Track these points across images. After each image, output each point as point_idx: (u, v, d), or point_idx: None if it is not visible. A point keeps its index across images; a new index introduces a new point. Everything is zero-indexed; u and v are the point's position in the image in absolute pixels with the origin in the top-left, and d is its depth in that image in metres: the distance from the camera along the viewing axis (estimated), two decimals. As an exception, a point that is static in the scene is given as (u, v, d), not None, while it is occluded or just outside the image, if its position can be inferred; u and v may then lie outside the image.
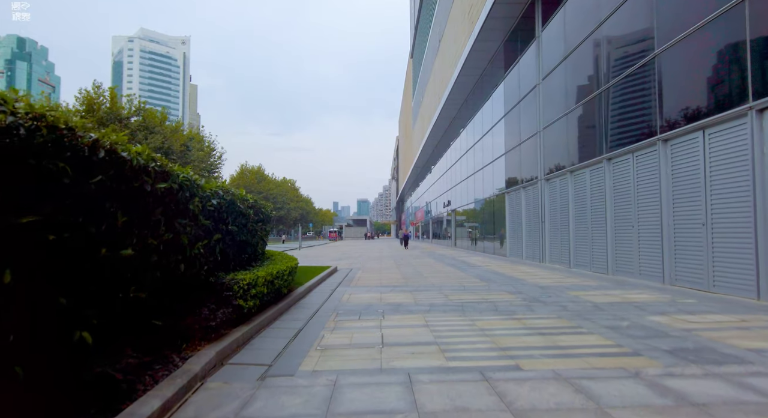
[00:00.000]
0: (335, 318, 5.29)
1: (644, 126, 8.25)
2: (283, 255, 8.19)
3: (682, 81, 7.34)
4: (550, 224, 12.81)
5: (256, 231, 6.03)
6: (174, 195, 3.29)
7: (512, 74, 16.02)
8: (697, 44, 6.97)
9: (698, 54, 6.96)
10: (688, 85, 7.20)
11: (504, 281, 8.87)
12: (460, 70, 20.72)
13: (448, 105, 26.27)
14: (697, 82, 7.02)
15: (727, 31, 6.36)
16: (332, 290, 8.10)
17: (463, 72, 20.69)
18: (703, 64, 6.86)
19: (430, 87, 35.39)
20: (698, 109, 6.91)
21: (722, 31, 6.45)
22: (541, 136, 13.30)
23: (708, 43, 6.74)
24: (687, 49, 7.16)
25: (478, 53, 18.55)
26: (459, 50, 21.52)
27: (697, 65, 7.00)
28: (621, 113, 9.11)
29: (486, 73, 20.19)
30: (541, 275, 9.91)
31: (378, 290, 7.91)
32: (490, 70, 19.52)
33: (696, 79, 7.03)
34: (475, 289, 7.73)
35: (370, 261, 16.20)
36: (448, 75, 25.17)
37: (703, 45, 6.84)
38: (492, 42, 17.34)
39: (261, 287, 4.82)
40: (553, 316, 5.15)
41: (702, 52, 6.87)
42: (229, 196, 4.59)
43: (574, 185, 11.27)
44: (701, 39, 6.87)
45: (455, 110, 27.13)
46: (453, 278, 9.72)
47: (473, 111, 22.56)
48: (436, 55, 32.24)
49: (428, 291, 7.56)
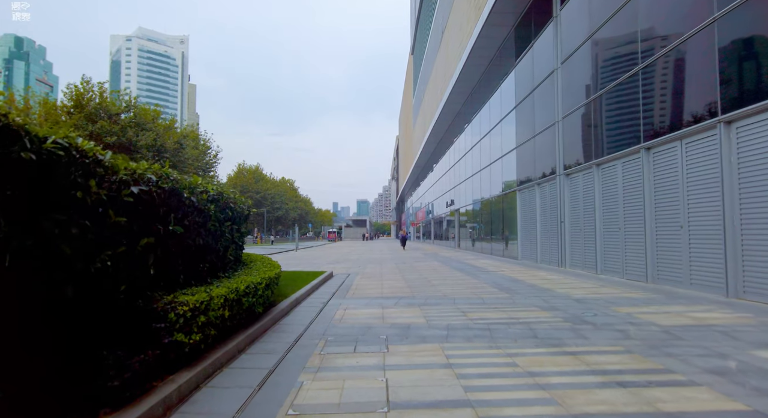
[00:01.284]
0: (322, 350, 3.94)
1: (700, 105, 6.90)
2: (264, 261, 6.84)
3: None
4: (570, 224, 11.46)
5: (223, 233, 4.67)
6: (29, 169, 1.95)
7: (525, 61, 14.67)
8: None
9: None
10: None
11: (527, 290, 7.52)
12: (465, 60, 19.37)
13: (451, 100, 24.93)
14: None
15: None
16: (324, 302, 6.75)
17: (469, 62, 19.34)
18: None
19: (432, 83, 34.05)
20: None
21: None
22: (559, 126, 11.95)
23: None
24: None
25: (485, 40, 17.20)
26: (464, 40, 20.19)
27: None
28: (668, 92, 7.77)
29: (494, 63, 18.85)
30: (567, 283, 8.55)
31: (379, 303, 6.56)
32: (498, 59, 18.17)
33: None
34: (496, 302, 6.38)
35: (369, 265, 14.84)
36: (451, 68, 23.84)
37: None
38: (502, 27, 16.00)
39: (217, 310, 3.47)
40: (619, 348, 3.80)
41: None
42: (168, 183, 3.24)
43: (601, 180, 9.91)
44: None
45: (459, 105, 25.78)
46: (465, 286, 8.37)
47: (479, 105, 21.21)
48: (438, 49, 30.91)
49: (440, 305, 6.21)
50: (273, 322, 5.06)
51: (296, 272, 10.93)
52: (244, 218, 5.71)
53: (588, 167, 10.44)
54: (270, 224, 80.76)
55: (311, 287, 8.10)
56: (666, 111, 7.76)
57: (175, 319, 2.89)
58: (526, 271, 11.21)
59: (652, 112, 8.06)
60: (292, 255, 23.63)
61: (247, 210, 5.84)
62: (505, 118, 16.92)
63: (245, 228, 6.06)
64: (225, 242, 4.88)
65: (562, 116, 11.77)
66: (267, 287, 5.01)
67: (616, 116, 9.34)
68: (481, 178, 20.86)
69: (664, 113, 7.77)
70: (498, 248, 18.26)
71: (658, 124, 7.86)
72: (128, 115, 33.93)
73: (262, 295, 4.73)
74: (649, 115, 8.14)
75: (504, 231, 17.43)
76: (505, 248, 17.27)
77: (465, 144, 24.60)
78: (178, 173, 3.51)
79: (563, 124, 11.78)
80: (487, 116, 19.78)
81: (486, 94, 19.96)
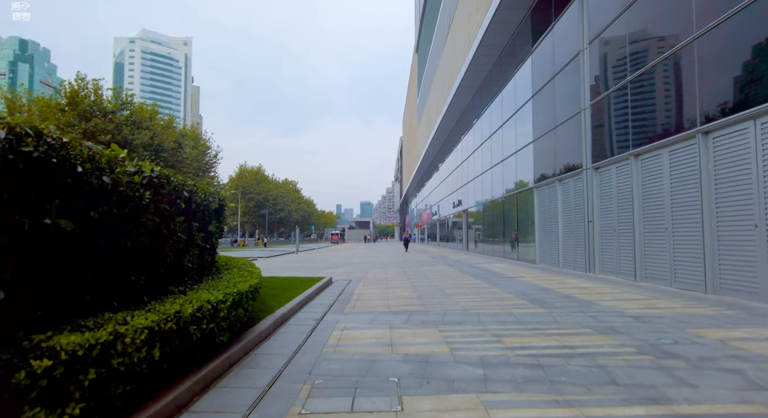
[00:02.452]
0: (304, 406, 2.64)
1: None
2: (243, 269, 5.56)
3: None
4: (601, 224, 10.12)
5: (172, 232, 3.40)
6: None
7: (544, 45, 13.37)
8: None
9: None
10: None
11: (565, 303, 6.19)
12: (475, 50, 18.07)
13: (459, 94, 23.62)
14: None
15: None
16: (318, 318, 5.46)
17: (480, 52, 18.04)
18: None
19: (438, 78, 32.77)
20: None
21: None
22: (586, 115, 10.63)
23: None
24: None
25: (498, 26, 15.91)
26: (473, 30, 18.92)
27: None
28: (737, 62, 6.44)
29: (506, 52, 17.55)
30: (607, 293, 7.22)
31: (386, 320, 5.26)
32: (511, 47, 16.88)
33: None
34: (533, 321, 5.07)
35: (373, 269, 13.54)
36: (459, 61, 22.55)
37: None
38: (516, 10, 14.71)
39: (135, 352, 2.19)
40: (753, 406, 2.48)
41: None
42: (43, 146, 1.96)
43: (640, 172, 8.58)
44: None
45: (467, 100, 24.47)
46: (487, 296, 7.06)
47: (490, 98, 19.89)
48: (444, 43, 29.65)
49: (464, 325, 4.90)
50: (244, 352, 3.77)
51: (290, 279, 9.66)
52: (212, 214, 4.43)
53: (623, 159, 9.10)
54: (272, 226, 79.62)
55: (305, 298, 6.82)
56: (728, 87, 6.42)
57: (27, 382, 1.61)
58: (551, 277, 9.88)
59: (718, 88, 6.71)
60: (291, 258, 22.36)
61: (218, 203, 4.57)
62: (520, 110, 15.59)
63: (215, 226, 4.77)
64: (180, 244, 3.60)
65: (590, 103, 10.44)
66: (236, 305, 3.72)
67: (665, 96, 8.00)
68: (492, 176, 19.53)
69: (726, 90, 6.43)
70: (511, 250, 16.90)
71: (723, 102, 6.51)
72: (124, 113, 32.82)
73: (226, 317, 3.44)
74: (720, 87, 6.80)
75: (518, 232, 16.08)
76: (519, 250, 15.92)
77: (474, 141, 23.27)
78: (70, 137, 2.23)
79: (591, 112, 10.46)
80: (498, 109, 18.46)
81: (498, 85, 18.65)
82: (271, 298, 6.56)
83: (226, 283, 4.04)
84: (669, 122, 7.74)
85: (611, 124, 9.66)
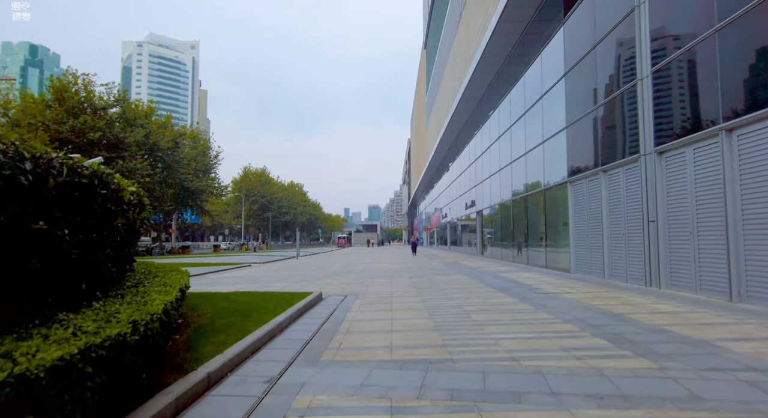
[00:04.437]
0: None
1: None
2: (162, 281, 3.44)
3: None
4: (669, 224, 7.83)
5: None
6: None
7: (581, 11, 11.14)
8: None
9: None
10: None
11: (663, 344, 3.93)
12: (494, 27, 15.88)
13: (473, 83, 21.41)
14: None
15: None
16: (271, 379, 3.29)
17: (499, 29, 15.82)
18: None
19: (449, 70, 30.61)
20: None
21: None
22: (646, 85, 8.37)
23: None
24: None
25: None
26: (490, 8, 16.75)
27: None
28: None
29: (530, 29, 15.35)
30: (718, 324, 4.93)
31: (385, 386, 3.07)
32: (536, 24, 14.67)
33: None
34: (647, 393, 2.83)
35: (376, 279, 11.34)
36: (473, 46, 20.39)
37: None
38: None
39: None
40: None
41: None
42: None
43: (738, 155, 6.31)
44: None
45: (482, 90, 22.25)
46: (536, 329, 4.82)
47: (510, 84, 17.66)
48: (456, 31, 27.52)
49: (526, 402, 2.69)
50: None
51: (268, 295, 7.53)
52: (107, 204, 2.32)
53: (707, 137, 6.83)
54: (277, 230, 77.83)
55: (268, 332, 4.65)
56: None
57: None
58: (606, 293, 7.59)
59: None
60: (288, 264, 20.27)
61: (136, 198, 2.50)
62: (548, 93, 13.35)
63: (140, 221, 2.66)
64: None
65: (651, 70, 8.19)
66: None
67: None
68: (512, 171, 17.25)
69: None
70: (537, 256, 14.57)
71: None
72: (116, 109, 31.13)
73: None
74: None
75: (547, 236, 13.78)
76: (548, 256, 13.60)
77: (490, 135, 21.00)
78: None
79: (652, 81, 8.19)
80: (520, 96, 16.22)
81: (519, 69, 16.42)
82: (215, 332, 4.41)
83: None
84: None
85: (688, 92, 7.40)
